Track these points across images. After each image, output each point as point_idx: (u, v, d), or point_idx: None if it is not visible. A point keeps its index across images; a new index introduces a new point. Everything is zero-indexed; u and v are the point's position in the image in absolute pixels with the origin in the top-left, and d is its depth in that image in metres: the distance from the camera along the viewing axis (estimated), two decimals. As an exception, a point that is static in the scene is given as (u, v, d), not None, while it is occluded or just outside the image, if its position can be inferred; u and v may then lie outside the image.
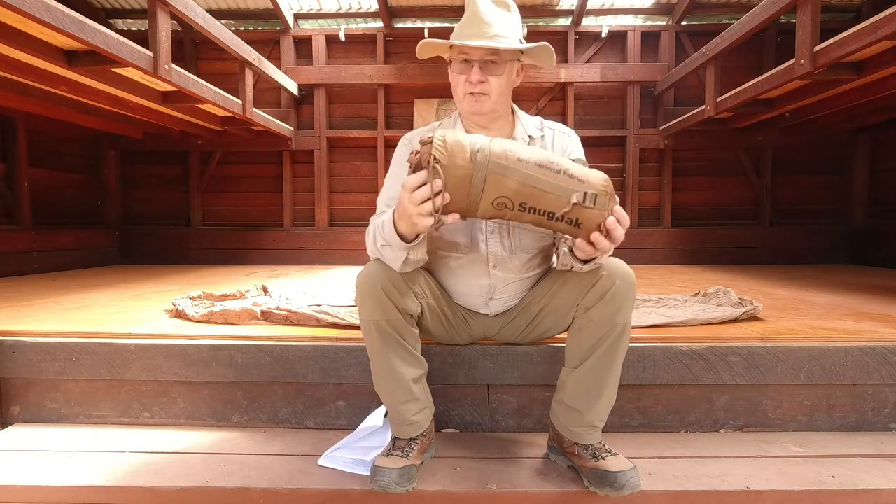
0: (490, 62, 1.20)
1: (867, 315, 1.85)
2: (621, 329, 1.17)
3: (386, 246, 1.11)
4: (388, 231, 1.08)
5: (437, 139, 0.99)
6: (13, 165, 3.44)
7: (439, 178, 0.97)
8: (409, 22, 4.35)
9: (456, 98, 1.28)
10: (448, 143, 0.99)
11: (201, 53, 4.35)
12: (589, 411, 1.20)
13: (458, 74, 1.23)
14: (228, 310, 1.74)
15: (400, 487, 1.11)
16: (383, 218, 1.12)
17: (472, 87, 1.21)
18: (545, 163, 1.01)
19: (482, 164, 0.98)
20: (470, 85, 1.21)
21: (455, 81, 1.25)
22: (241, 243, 4.34)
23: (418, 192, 0.98)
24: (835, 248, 4.15)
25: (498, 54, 1.21)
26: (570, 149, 1.35)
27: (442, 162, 0.97)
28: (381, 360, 1.20)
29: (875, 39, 1.99)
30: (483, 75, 1.20)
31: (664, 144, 4.18)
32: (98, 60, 2.25)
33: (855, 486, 1.20)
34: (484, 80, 1.20)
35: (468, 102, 1.24)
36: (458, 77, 1.23)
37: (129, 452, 1.36)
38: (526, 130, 1.33)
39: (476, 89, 1.21)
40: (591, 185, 1.01)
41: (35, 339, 1.54)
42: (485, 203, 1.02)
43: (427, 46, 1.27)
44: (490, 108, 1.25)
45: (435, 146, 0.98)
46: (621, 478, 1.10)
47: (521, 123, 1.33)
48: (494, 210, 1.03)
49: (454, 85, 1.26)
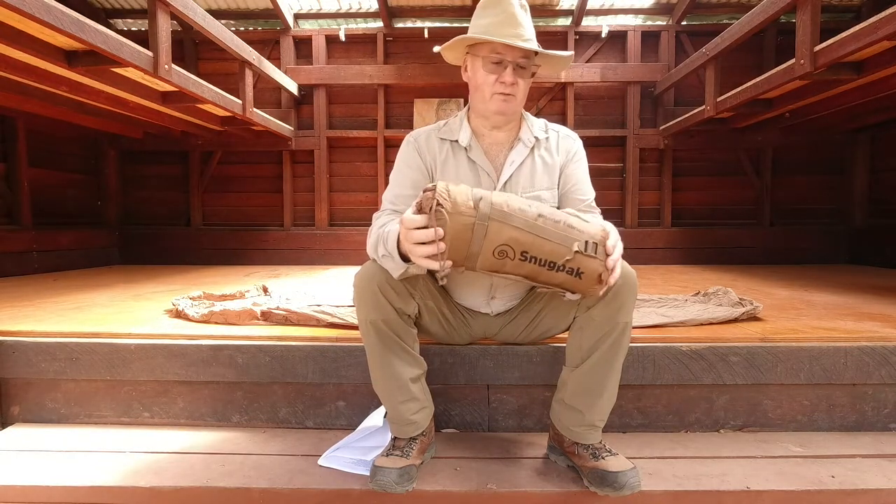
0: (520, 66, 1.22)
1: (867, 315, 1.85)
2: (622, 328, 1.17)
3: (387, 256, 1.11)
4: (392, 245, 1.09)
5: (440, 187, 0.99)
6: (13, 165, 3.44)
7: (441, 226, 0.97)
8: (409, 22, 4.35)
9: (479, 97, 1.27)
10: (451, 191, 0.99)
11: (201, 53, 4.35)
12: (590, 411, 1.20)
13: (490, 74, 1.22)
14: (228, 310, 1.74)
15: (400, 487, 1.12)
16: (390, 228, 1.12)
17: (505, 88, 1.22)
18: (546, 213, 1.02)
19: (485, 212, 0.99)
20: (502, 85, 1.22)
21: (483, 80, 1.24)
22: (241, 243, 4.33)
23: (417, 233, 0.99)
24: (835, 248, 4.15)
25: (529, 57, 1.22)
26: (573, 151, 1.36)
27: (445, 208, 0.97)
28: (378, 360, 1.20)
29: (875, 39, 1.99)
30: (515, 77, 1.21)
31: (664, 144, 4.17)
32: (98, 60, 2.24)
33: (855, 486, 1.20)
34: (515, 83, 1.22)
35: (496, 102, 1.24)
36: (489, 76, 1.22)
37: (129, 452, 1.36)
38: (532, 132, 1.33)
39: (508, 90, 1.22)
40: (592, 235, 1.02)
41: (35, 339, 1.54)
42: (486, 252, 1.01)
43: (463, 41, 1.24)
44: (514, 110, 1.27)
45: (438, 193, 0.98)
46: (621, 478, 1.10)
47: (526, 125, 1.34)
48: (495, 259, 1.02)
49: (480, 83, 1.25)
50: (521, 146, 1.31)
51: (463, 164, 1.30)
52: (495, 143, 1.32)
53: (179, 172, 4.41)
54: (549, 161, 1.33)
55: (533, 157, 1.32)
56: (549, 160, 1.33)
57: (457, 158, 1.31)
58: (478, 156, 1.30)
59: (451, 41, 1.25)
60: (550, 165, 1.33)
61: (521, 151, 1.31)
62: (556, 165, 1.34)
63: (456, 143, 1.32)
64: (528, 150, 1.31)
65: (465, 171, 1.30)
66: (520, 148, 1.31)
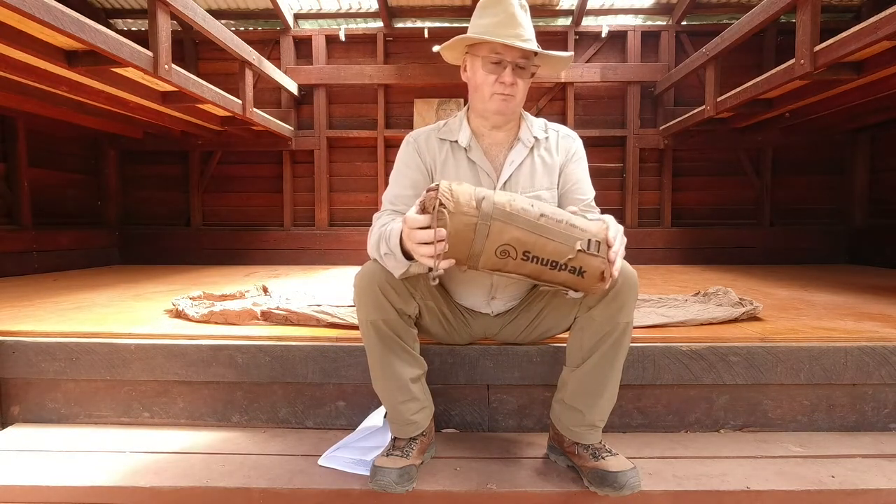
0: (520, 66, 1.22)
1: (867, 315, 1.85)
2: (623, 328, 1.17)
3: (389, 254, 1.11)
4: (394, 243, 1.09)
5: (443, 187, 0.99)
6: (13, 165, 3.44)
7: (443, 226, 0.98)
8: (409, 22, 4.35)
9: (479, 97, 1.27)
10: (454, 190, 1.00)
11: (201, 53, 4.34)
12: (590, 411, 1.20)
13: (489, 74, 1.23)
14: (228, 310, 1.74)
15: (400, 487, 1.12)
16: (392, 227, 1.12)
17: (504, 88, 1.22)
18: (548, 213, 1.02)
19: (487, 211, 0.99)
20: (502, 86, 1.22)
21: (482, 80, 1.24)
22: (241, 243, 4.33)
23: (419, 233, 0.99)
24: (835, 248, 4.15)
25: (528, 58, 1.23)
26: (572, 150, 1.36)
27: (448, 208, 0.98)
28: (379, 360, 1.21)
29: (875, 39, 1.99)
30: (514, 77, 1.22)
31: (664, 144, 4.17)
32: (98, 60, 2.24)
33: (855, 486, 1.20)
34: (514, 83, 1.23)
35: (496, 102, 1.24)
36: (488, 76, 1.23)
37: (129, 452, 1.36)
38: (531, 131, 1.33)
39: (508, 91, 1.23)
40: (594, 233, 1.02)
41: (35, 339, 1.54)
42: (488, 251, 1.01)
43: (463, 41, 1.25)
44: (514, 110, 1.28)
45: (441, 193, 0.98)
46: (621, 478, 1.10)
47: (526, 125, 1.34)
48: (497, 259, 1.02)
49: (479, 83, 1.26)
50: (520, 146, 1.31)
51: (462, 164, 1.31)
52: (495, 143, 1.32)
53: (179, 172, 4.41)
54: (548, 161, 1.33)
55: (532, 156, 1.32)
56: (548, 160, 1.33)
57: (456, 159, 1.31)
58: (477, 156, 1.30)
59: (451, 41, 1.25)
60: (550, 165, 1.33)
61: (520, 151, 1.31)
62: (555, 165, 1.34)
63: (455, 144, 1.32)
64: (527, 149, 1.32)
65: (464, 172, 1.30)
66: (519, 148, 1.31)
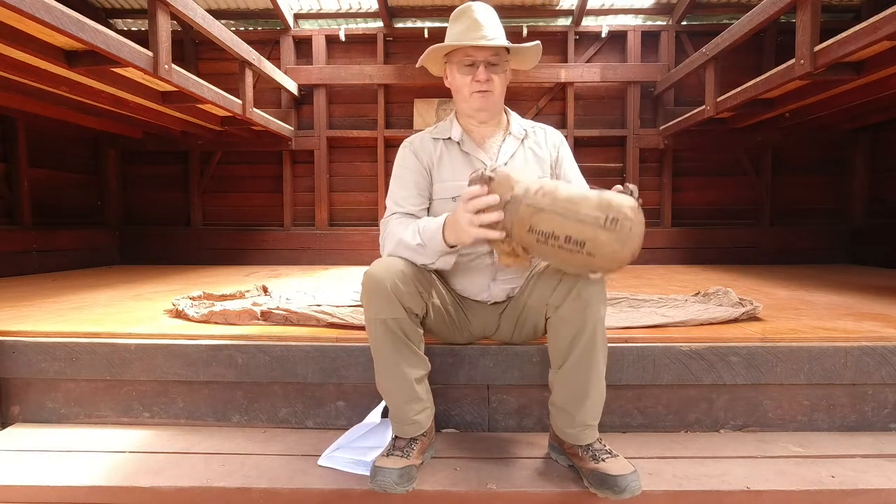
0: (491, 63, 1.30)
1: (867, 315, 1.85)
2: (594, 326, 1.17)
3: (422, 246, 1.19)
4: (431, 234, 1.18)
5: (489, 169, 1.11)
6: (13, 165, 3.44)
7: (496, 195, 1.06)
8: (409, 22, 4.35)
9: (461, 98, 1.36)
10: (498, 172, 1.10)
11: (201, 53, 4.35)
12: (578, 411, 1.21)
13: (464, 76, 1.32)
14: (228, 310, 1.74)
15: (400, 487, 1.12)
16: (424, 224, 1.21)
17: (481, 86, 1.31)
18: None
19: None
20: (478, 84, 1.31)
21: (460, 83, 1.33)
22: (241, 243, 4.33)
23: (476, 202, 1.07)
24: (835, 248, 4.15)
25: (499, 54, 1.31)
26: (558, 143, 1.45)
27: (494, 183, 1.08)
28: (385, 359, 1.21)
29: (875, 39, 1.99)
30: (487, 74, 1.29)
31: (664, 144, 4.17)
32: (98, 60, 2.25)
33: (855, 486, 1.20)
34: (489, 79, 1.30)
35: (476, 100, 1.32)
36: (464, 78, 1.32)
37: (129, 452, 1.36)
38: (520, 124, 1.43)
39: (484, 87, 1.31)
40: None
41: (35, 339, 1.55)
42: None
43: (436, 51, 1.34)
44: (494, 103, 1.35)
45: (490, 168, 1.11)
46: (622, 482, 1.10)
47: (513, 119, 1.43)
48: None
49: (458, 87, 1.35)
50: (511, 139, 1.40)
51: (457, 157, 1.37)
52: (485, 137, 1.40)
53: (179, 172, 4.41)
54: (539, 153, 1.41)
55: (524, 147, 1.40)
56: (539, 152, 1.41)
57: (451, 153, 1.38)
58: (470, 147, 1.38)
59: (426, 53, 1.36)
60: (541, 157, 1.41)
61: (512, 143, 1.39)
62: (545, 158, 1.42)
63: (449, 140, 1.39)
64: (518, 141, 1.40)
65: (459, 165, 1.36)
66: (510, 140, 1.39)
